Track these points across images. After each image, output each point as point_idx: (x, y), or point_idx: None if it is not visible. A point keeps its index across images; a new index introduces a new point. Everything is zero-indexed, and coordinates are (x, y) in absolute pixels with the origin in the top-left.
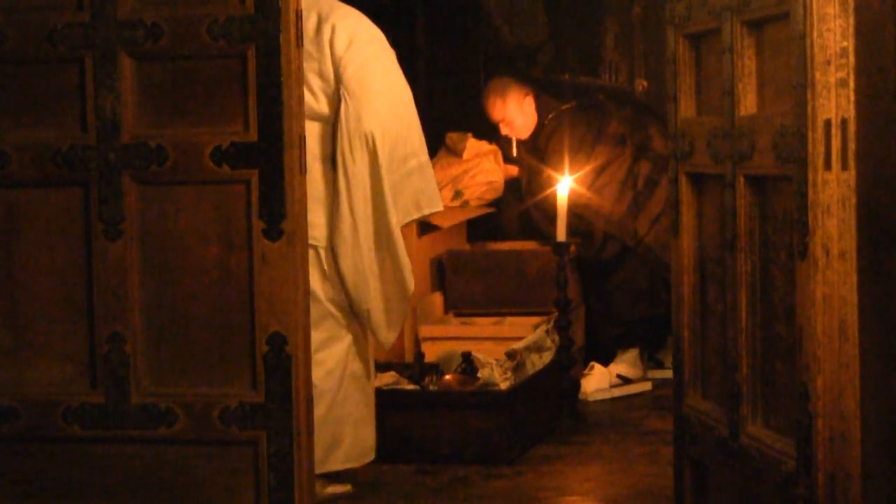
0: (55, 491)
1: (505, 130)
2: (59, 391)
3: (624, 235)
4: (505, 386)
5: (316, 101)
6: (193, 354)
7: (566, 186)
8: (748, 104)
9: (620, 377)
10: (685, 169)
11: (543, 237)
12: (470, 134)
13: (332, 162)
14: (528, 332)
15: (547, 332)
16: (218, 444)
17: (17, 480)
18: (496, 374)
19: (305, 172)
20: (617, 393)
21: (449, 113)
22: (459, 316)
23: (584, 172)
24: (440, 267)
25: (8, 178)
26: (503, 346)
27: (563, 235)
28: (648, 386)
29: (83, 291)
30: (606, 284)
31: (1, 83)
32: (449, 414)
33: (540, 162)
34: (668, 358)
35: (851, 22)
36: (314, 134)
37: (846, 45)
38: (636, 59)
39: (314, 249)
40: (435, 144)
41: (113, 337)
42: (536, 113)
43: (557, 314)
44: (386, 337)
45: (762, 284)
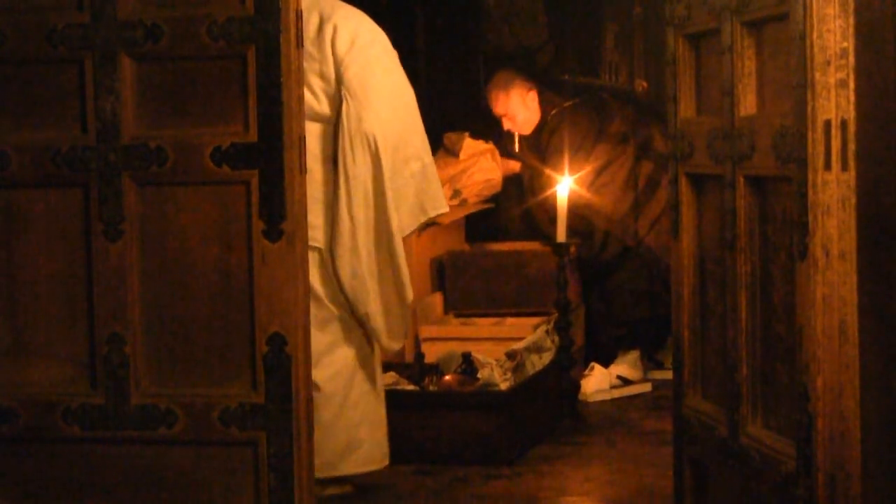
0: (55, 491)
1: (507, 125)
2: (58, 392)
3: (624, 235)
4: (505, 386)
5: (317, 101)
6: (193, 355)
7: (566, 187)
8: (748, 105)
9: (621, 378)
10: (685, 169)
11: (546, 237)
12: (467, 133)
13: (333, 163)
14: (528, 332)
15: (547, 332)
16: (218, 444)
17: (16, 481)
18: (496, 374)
19: (305, 173)
20: (617, 394)
21: (449, 113)
22: (459, 316)
23: (584, 172)
24: (440, 267)
25: (8, 178)
26: (503, 346)
27: (563, 236)
28: (648, 387)
29: (83, 292)
30: (607, 285)
31: (1, 84)
32: (449, 414)
33: (541, 158)
34: (668, 359)
35: (851, 22)
36: (316, 135)
37: (846, 45)
38: (636, 59)
39: (317, 251)
40: (434, 145)
41: (113, 337)
42: (539, 109)
43: (557, 315)
44: (387, 343)
45: (762, 285)
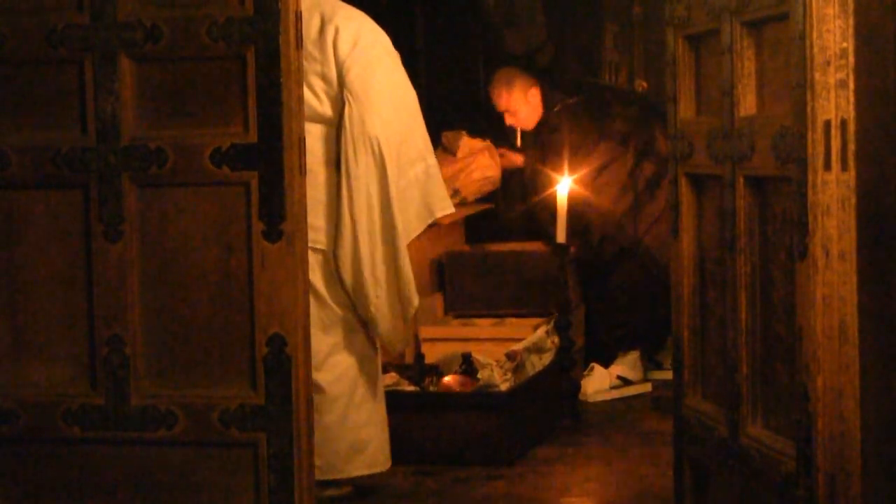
0: (55, 492)
1: (510, 120)
2: (59, 393)
3: (620, 236)
4: (505, 387)
5: (319, 103)
6: (193, 356)
7: (566, 186)
8: (748, 105)
9: (620, 378)
10: (685, 170)
11: (548, 237)
12: (464, 132)
13: (336, 166)
14: (528, 333)
15: (547, 333)
16: (218, 445)
17: (16, 482)
18: (496, 375)
19: (305, 174)
20: (617, 394)
21: (449, 114)
22: (459, 317)
23: (584, 172)
24: (440, 268)
25: (8, 179)
26: (503, 347)
27: (563, 237)
28: (648, 387)
29: (83, 293)
30: (606, 285)
31: (1, 84)
32: (449, 415)
33: (543, 154)
34: (667, 359)
35: (851, 23)
36: (319, 137)
37: (846, 45)
38: (636, 59)
39: (321, 253)
40: (434, 145)
41: (113, 338)
42: (542, 105)
43: (557, 315)
44: (391, 345)
45: (762, 285)
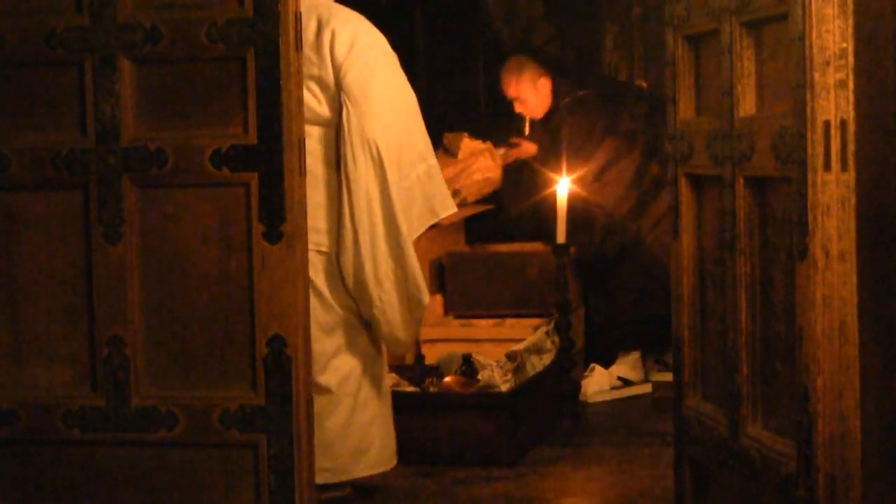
0: (55, 494)
1: (519, 108)
2: (59, 394)
3: (623, 234)
4: (505, 388)
5: (319, 105)
6: (193, 357)
7: (565, 186)
8: (747, 105)
9: (621, 379)
10: (684, 170)
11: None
12: (465, 134)
13: (337, 167)
14: (528, 333)
15: (547, 333)
16: (218, 446)
17: (16, 483)
18: (496, 375)
19: (305, 175)
20: (617, 395)
21: (448, 114)
22: (459, 318)
23: (587, 170)
24: (440, 268)
25: (8, 180)
26: (503, 347)
27: (563, 237)
28: (648, 388)
29: (83, 294)
30: (607, 286)
31: (0, 86)
32: (449, 416)
33: (551, 143)
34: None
35: (851, 23)
36: (320, 139)
37: (845, 46)
38: (636, 59)
39: (324, 255)
40: (434, 146)
41: (113, 340)
42: (552, 95)
43: (558, 316)
44: (393, 346)
45: (762, 285)
